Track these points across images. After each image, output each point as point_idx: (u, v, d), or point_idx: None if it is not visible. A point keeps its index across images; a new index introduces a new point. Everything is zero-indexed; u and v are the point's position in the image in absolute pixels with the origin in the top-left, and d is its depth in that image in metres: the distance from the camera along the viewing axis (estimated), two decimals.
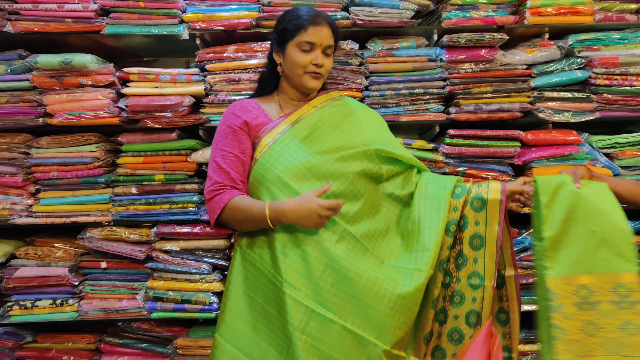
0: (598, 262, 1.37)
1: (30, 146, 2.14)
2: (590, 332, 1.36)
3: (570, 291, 1.38)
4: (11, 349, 2.20)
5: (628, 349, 1.32)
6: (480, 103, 2.14)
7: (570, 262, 1.39)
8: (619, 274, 1.35)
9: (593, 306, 1.36)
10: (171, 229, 2.11)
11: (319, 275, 1.32)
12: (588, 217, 1.40)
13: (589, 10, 2.14)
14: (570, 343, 1.36)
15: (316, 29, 1.46)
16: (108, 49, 2.34)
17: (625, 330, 1.33)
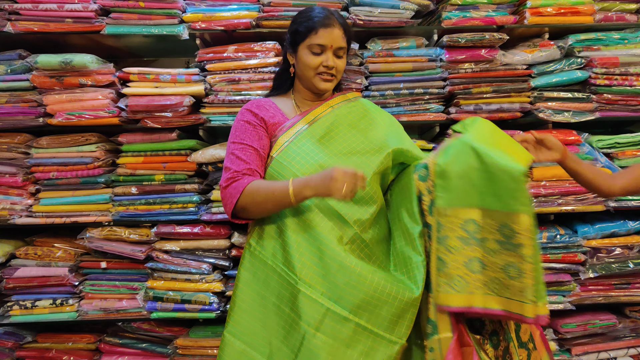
0: (488, 198, 1.28)
1: (30, 146, 2.14)
2: (475, 269, 1.30)
3: (457, 224, 1.31)
4: (11, 349, 2.20)
5: (508, 291, 1.27)
6: (480, 103, 2.15)
7: (460, 194, 1.31)
8: (506, 213, 1.25)
9: (480, 243, 1.30)
10: (171, 229, 2.11)
11: (333, 274, 1.32)
12: (482, 154, 1.29)
13: (589, 10, 2.14)
14: (451, 277, 1.31)
15: (327, 31, 1.45)
16: (108, 49, 2.34)
17: (506, 272, 1.27)
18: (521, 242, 1.23)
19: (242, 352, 1.37)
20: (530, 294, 1.23)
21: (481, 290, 1.31)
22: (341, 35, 1.47)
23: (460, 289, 1.31)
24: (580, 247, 2.14)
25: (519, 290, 1.25)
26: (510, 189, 1.23)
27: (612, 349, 2.22)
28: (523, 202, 1.23)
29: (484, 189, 1.28)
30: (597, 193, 1.55)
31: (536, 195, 2.13)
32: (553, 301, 2.15)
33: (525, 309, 1.24)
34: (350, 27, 1.54)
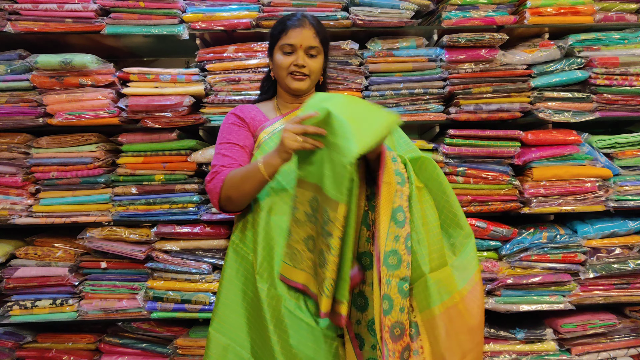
0: (325, 178, 1.23)
1: (30, 146, 2.14)
2: (309, 247, 1.30)
3: (307, 198, 1.29)
4: (11, 349, 2.20)
5: (318, 277, 1.24)
6: (480, 103, 2.14)
7: (313, 168, 1.27)
8: (328, 197, 1.20)
9: (316, 222, 1.28)
10: (171, 229, 2.11)
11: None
12: (334, 126, 1.22)
13: (589, 10, 2.14)
14: (292, 250, 1.31)
15: (296, 31, 1.48)
16: (108, 49, 2.34)
17: (319, 259, 1.25)
18: (331, 231, 1.20)
19: (226, 347, 1.38)
20: (327, 286, 1.21)
21: (309, 270, 1.30)
22: (311, 35, 1.49)
23: (295, 263, 1.32)
24: (580, 247, 2.14)
25: (321, 279, 1.23)
26: (338, 174, 1.18)
27: (612, 349, 2.22)
28: (342, 191, 1.18)
29: (325, 167, 1.23)
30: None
31: (536, 195, 2.13)
32: (553, 301, 2.15)
33: (322, 300, 1.22)
34: (325, 29, 1.54)
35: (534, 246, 2.13)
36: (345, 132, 1.17)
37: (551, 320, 2.24)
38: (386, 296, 1.21)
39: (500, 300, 2.14)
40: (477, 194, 2.14)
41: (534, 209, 2.14)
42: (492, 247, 2.16)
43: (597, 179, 2.15)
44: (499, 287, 2.14)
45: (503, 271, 2.14)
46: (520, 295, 2.16)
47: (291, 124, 1.24)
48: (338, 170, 1.17)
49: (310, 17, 1.53)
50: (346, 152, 1.15)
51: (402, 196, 1.27)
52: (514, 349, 2.18)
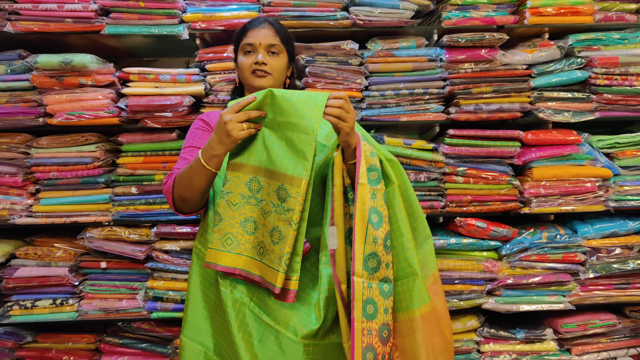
0: (274, 157, 1.23)
1: (30, 146, 2.14)
2: (249, 230, 1.27)
3: (244, 180, 1.27)
4: (11, 349, 2.20)
5: (268, 257, 1.24)
6: (480, 103, 2.14)
7: (251, 149, 1.27)
8: (284, 174, 1.21)
9: (258, 203, 1.27)
10: (171, 229, 2.11)
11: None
12: (283, 109, 1.23)
13: (589, 10, 2.14)
14: (225, 234, 1.27)
15: (255, 31, 1.50)
16: (108, 49, 2.34)
17: (272, 236, 1.23)
18: (293, 207, 1.20)
19: (197, 353, 1.38)
20: (285, 261, 1.20)
21: (248, 253, 1.27)
22: (270, 34, 1.50)
23: (231, 248, 1.28)
24: (580, 247, 2.14)
25: (278, 256, 1.21)
26: (299, 150, 1.20)
27: (612, 349, 2.22)
28: (305, 166, 1.19)
29: (275, 147, 1.24)
30: None
31: (536, 195, 2.13)
32: (553, 301, 2.15)
33: (277, 277, 1.20)
34: (287, 30, 1.55)
35: (534, 246, 2.13)
36: (297, 109, 1.20)
37: (551, 320, 2.24)
38: (369, 300, 1.19)
39: (500, 300, 2.15)
40: (477, 194, 2.14)
41: (534, 209, 2.14)
42: (492, 247, 2.16)
43: (597, 179, 2.15)
44: (499, 287, 2.15)
45: (503, 271, 2.14)
46: (520, 295, 2.16)
47: (231, 112, 1.23)
48: (299, 146, 1.20)
49: (271, 19, 1.55)
50: (305, 126, 1.18)
51: (375, 195, 1.24)
52: (514, 349, 2.18)
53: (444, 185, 2.16)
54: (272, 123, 1.25)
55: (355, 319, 1.17)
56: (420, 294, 1.26)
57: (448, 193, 2.16)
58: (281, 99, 1.22)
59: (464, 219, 2.10)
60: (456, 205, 2.14)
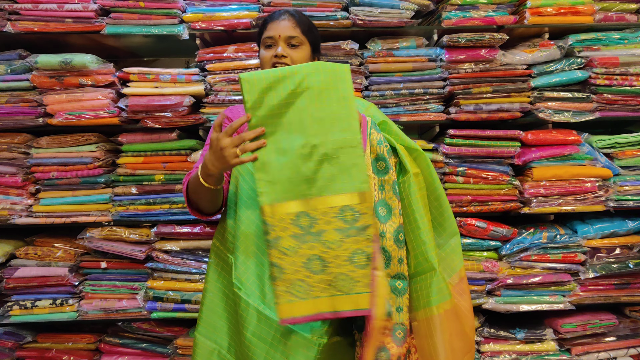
0: (320, 181, 1.14)
1: (30, 146, 2.14)
2: (316, 269, 1.14)
3: (289, 221, 1.14)
4: (11, 349, 2.20)
5: (358, 284, 1.12)
6: (480, 103, 2.14)
7: (286, 185, 1.15)
8: (344, 195, 1.12)
9: (317, 237, 1.14)
10: (171, 229, 2.11)
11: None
12: (307, 127, 1.14)
13: (589, 10, 2.14)
14: (291, 283, 1.14)
15: (274, 23, 1.45)
16: (108, 49, 2.34)
17: (354, 262, 1.13)
18: (367, 222, 1.12)
19: (212, 351, 1.37)
20: (367, 283, 1.13)
21: (327, 293, 1.15)
22: (290, 26, 1.45)
23: (303, 294, 1.15)
24: (580, 247, 2.14)
25: (368, 279, 1.13)
26: (348, 165, 1.13)
27: (612, 349, 2.22)
28: (363, 179, 1.12)
29: (314, 171, 1.14)
30: None
31: (536, 195, 2.13)
32: (553, 301, 2.15)
33: (362, 299, 1.13)
34: (309, 21, 1.50)
35: (534, 246, 2.13)
36: (322, 118, 1.12)
37: (551, 320, 2.24)
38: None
39: (500, 300, 2.14)
40: (477, 194, 2.14)
41: (534, 209, 2.14)
42: (492, 247, 2.16)
43: (597, 179, 2.15)
44: (499, 287, 2.15)
45: (503, 271, 2.14)
46: (520, 295, 2.16)
47: (225, 136, 1.15)
48: (348, 161, 1.12)
49: (292, 10, 1.50)
50: (347, 140, 1.11)
51: (383, 187, 1.20)
52: (514, 349, 2.18)
53: (444, 185, 2.16)
54: (293, 143, 1.14)
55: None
56: (439, 290, 1.21)
57: (448, 193, 2.15)
58: (296, 111, 1.13)
59: (464, 219, 2.10)
60: (456, 205, 2.14)
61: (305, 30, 1.47)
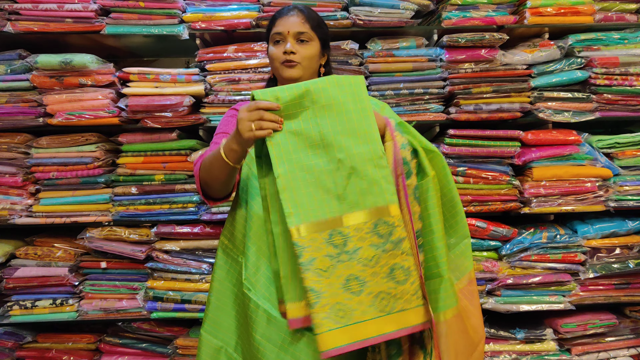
0: (350, 197, 1.10)
1: (30, 146, 2.14)
2: (355, 290, 1.08)
3: (322, 240, 1.08)
4: (11, 349, 2.20)
5: (400, 301, 1.09)
6: (480, 103, 2.14)
7: (314, 204, 1.10)
8: (376, 208, 1.10)
9: (352, 255, 1.09)
10: (171, 229, 2.11)
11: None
12: (330, 143, 1.11)
13: (589, 10, 2.14)
14: (332, 308, 1.06)
15: (283, 19, 1.44)
16: (108, 49, 2.34)
17: (394, 278, 1.09)
18: (401, 235, 1.10)
19: (218, 349, 1.36)
20: (421, 292, 1.10)
21: (369, 315, 1.09)
22: (299, 21, 1.44)
23: (346, 320, 1.07)
24: (580, 247, 2.14)
25: (413, 292, 1.10)
26: (376, 178, 1.10)
27: (612, 349, 2.22)
28: (388, 190, 1.10)
29: (341, 188, 1.11)
30: None
31: (536, 195, 2.13)
32: (553, 301, 2.15)
33: (422, 312, 1.10)
34: (318, 17, 1.49)
35: (534, 246, 2.13)
36: (343, 130, 1.11)
37: (551, 320, 2.23)
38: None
39: (500, 300, 2.14)
40: (477, 194, 2.14)
41: (534, 209, 2.14)
42: (492, 247, 2.16)
43: (597, 179, 2.15)
44: (499, 287, 2.14)
45: (503, 271, 2.14)
46: (520, 295, 2.16)
47: (245, 110, 1.14)
48: (372, 176, 1.10)
49: (301, 6, 1.49)
50: (369, 153, 1.10)
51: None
52: (514, 349, 2.18)
53: None
54: (317, 149, 1.12)
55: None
56: (446, 297, 1.19)
57: None
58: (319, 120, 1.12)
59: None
60: None
61: (314, 25, 1.46)
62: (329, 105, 1.14)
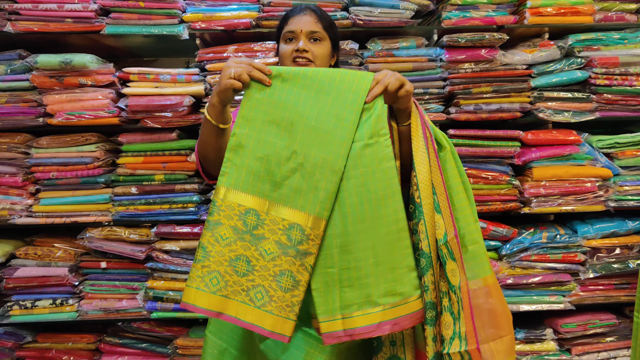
0: (284, 190, 1.10)
1: (30, 146, 2.14)
2: (240, 270, 1.10)
3: (237, 212, 1.10)
4: (11, 349, 2.20)
5: (274, 304, 1.08)
6: (480, 103, 2.14)
7: (251, 176, 1.11)
8: (300, 213, 1.09)
9: (256, 240, 1.10)
10: (171, 229, 2.11)
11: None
12: (297, 132, 1.11)
13: (589, 10, 2.14)
14: (209, 272, 1.09)
15: (296, 18, 1.45)
16: (108, 49, 2.34)
17: (278, 282, 1.09)
18: (310, 250, 1.09)
19: (223, 350, 1.36)
20: (296, 309, 1.09)
21: (238, 297, 1.10)
22: (312, 21, 1.44)
23: (215, 289, 1.09)
24: (580, 247, 2.14)
25: (289, 304, 1.09)
26: (319, 187, 1.09)
27: (612, 349, 2.22)
28: (327, 207, 1.09)
29: (285, 179, 1.11)
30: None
31: (536, 195, 2.13)
32: (553, 301, 2.15)
33: (287, 326, 1.08)
34: (330, 17, 1.49)
35: (534, 246, 2.13)
36: (317, 131, 1.10)
37: (551, 320, 2.24)
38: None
39: None
40: (477, 194, 2.14)
41: (534, 209, 2.14)
42: (492, 247, 2.16)
43: (597, 179, 2.15)
44: None
45: (503, 271, 2.14)
46: (520, 295, 2.16)
47: (234, 60, 1.15)
48: (320, 183, 1.09)
49: (313, 6, 1.50)
50: (330, 160, 1.09)
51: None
52: None
53: None
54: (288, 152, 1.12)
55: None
56: (480, 263, 1.18)
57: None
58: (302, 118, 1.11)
59: None
60: None
61: (326, 26, 1.46)
62: (316, 95, 1.13)
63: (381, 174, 1.12)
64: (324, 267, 1.12)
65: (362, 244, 1.11)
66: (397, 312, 1.10)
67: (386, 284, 1.11)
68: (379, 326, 1.10)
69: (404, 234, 1.12)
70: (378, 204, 1.11)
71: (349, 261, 1.11)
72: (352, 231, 1.11)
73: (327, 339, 1.10)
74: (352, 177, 1.12)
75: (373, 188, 1.11)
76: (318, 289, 1.11)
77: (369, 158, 1.12)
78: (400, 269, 1.11)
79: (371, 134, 1.13)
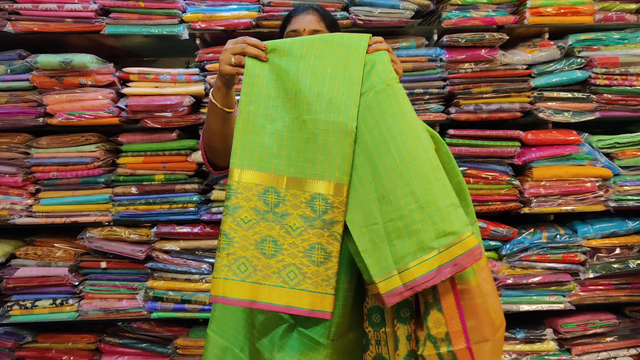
0: (300, 162, 1.08)
1: (30, 146, 2.14)
2: (267, 252, 1.06)
3: (255, 192, 1.06)
4: (11, 349, 2.20)
5: (309, 281, 1.05)
6: (480, 103, 2.14)
7: (263, 153, 1.08)
8: (320, 182, 1.07)
9: (279, 218, 1.06)
10: (171, 229, 2.11)
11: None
12: (302, 101, 1.08)
13: (589, 10, 2.14)
14: (236, 260, 1.04)
15: (299, 17, 1.46)
16: (108, 49, 2.34)
17: (309, 257, 1.06)
18: (336, 218, 1.06)
19: (224, 349, 1.35)
20: (333, 282, 1.05)
21: (269, 281, 1.06)
22: (315, 20, 1.45)
23: (245, 276, 1.05)
24: (580, 247, 2.14)
25: (324, 278, 1.05)
26: (334, 152, 1.06)
27: (612, 349, 2.22)
28: (346, 171, 1.05)
29: (299, 150, 1.08)
30: None
31: (536, 195, 2.13)
32: (553, 301, 2.16)
33: (327, 301, 1.05)
34: (332, 17, 1.50)
35: (534, 246, 2.13)
36: (324, 94, 1.06)
37: (551, 320, 2.23)
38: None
39: (500, 300, 2.14)
40: (477, 194, 2.14)
41: (534, 209, 2.14)
42: (492, 247, 2.16)
43: (597, 179, 2.15)
44: (499, 287, 2.14)
45: (503, 271, 2.14)
46: (520, 295, 2.16)
47: (231, 42, 1.13)
48: (334, 148, 1.05)
49: (316, 5, 1.50)
50: (340, 124, 1.05)
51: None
52: (514, 349, 2.18)
53: None
54: (289, 106, 1.08)
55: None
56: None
57: None
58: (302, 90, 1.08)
59: None
60: None
61: (329, 25, 1.47)
62: (317, 61, 1.11)
63: (402, 117, 1.08)
64: (367, 225, 1.06)
65: (400, 191, 1.04)
66: (454, 252, 1.03)
67: (435, 226, 1.04)
68: (438, 271, 1.02)
69: (440, 173, 1.07)
70: (406, 148, 1.06)
71: (390, 212, 1.05)
72: (387, 181, 1.05)
73: (388, 298, 1.03)
74: (373, 127, 1.07)
75: (397, 133, 1.06)
76: (366, 249, 1.05)
77: (385, 104, 1.08)
78: (445, 208, 1.05)
79: (382, 80, 1.09)
